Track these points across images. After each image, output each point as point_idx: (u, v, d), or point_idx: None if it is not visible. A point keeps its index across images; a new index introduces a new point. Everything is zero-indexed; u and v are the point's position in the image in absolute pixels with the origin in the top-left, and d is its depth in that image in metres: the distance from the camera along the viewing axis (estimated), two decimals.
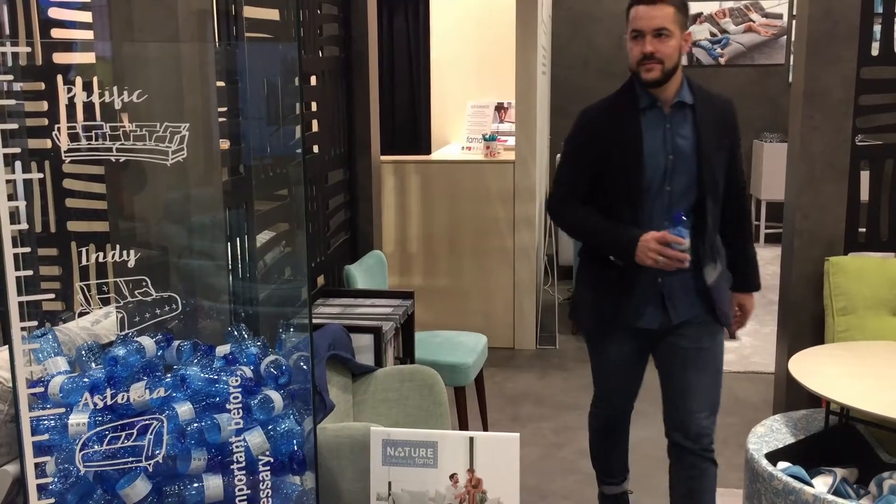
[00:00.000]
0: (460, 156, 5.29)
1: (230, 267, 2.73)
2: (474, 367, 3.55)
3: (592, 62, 7.66)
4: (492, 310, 5.06)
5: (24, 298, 1.44)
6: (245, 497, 1.67)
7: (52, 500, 1.55)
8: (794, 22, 6.43)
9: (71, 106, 3.52)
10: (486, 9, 5.94)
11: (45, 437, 1.55)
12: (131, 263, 1.54)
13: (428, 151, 6.06)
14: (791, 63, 5.56)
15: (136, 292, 1.57)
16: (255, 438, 1.68)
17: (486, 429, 3.74)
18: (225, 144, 2.80)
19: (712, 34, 7.53)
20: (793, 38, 7.06)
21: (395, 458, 1.95)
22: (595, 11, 7.70)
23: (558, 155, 2.86)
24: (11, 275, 1.40)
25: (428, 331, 3.87)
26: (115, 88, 1.39)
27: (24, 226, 1.37)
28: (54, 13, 3.25)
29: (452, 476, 1.92)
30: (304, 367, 1.86)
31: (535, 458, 3.59)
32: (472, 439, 1.91)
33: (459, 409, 3.49)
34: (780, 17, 7.53)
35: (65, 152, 1.38)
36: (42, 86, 3.47)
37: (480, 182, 4.99)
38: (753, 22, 7.61)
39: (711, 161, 2.42)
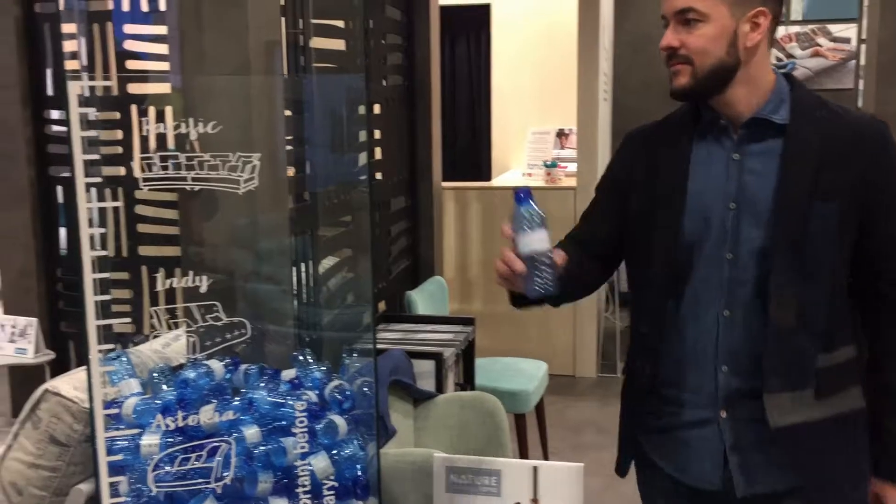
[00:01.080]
0: (521, 182, 5.30)
1: (295, 292, 2.78)
2: (535, 395, 3.53)
3: (654, 86, 7.57)
4: (552, 337, 5.03)
5: (102, 322, 1.49)
6: None
7: None
8: (862, 46, 6.30)
9: (144, 135, 3.64)
10: (547, 35, 5.96)
11: (119, 457, 1.59)
12: (203, 289, 1.58)
13: (488, 178, 6.08)
14: (860, 88, 5.43)
15: (207, 317, 1.61)
16: (321, 462, 1.70)
17: (546, 457, 3.70)
18: (290, 171, 2.86)
19: (778, 59, 7.43)
20: (862, 63, 6.92)
21: (459, 486, 1.95)
22: (655, 34, 7.59)
23: None
24: (91, 299, 1.45)
25: (488, 357, 3.86)
26: (190, 120, 1.44)
27: (103, 252, 1.42)
28: (129, 45, 3.37)
29: None
30: (368, 392, 1.87)
31: (597, 489, 3.54)
32: (535, 468, 1.90)
33: (520, 436, 3.47)
34: (847, 41, 7.38)
35: (143, 181, 1.43)
36: (117, 115, 3.60)
37: (541, 208, 4.98)
38: (821, 46, 7.48)
39: (807, 216, 1.49)
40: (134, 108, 3.59)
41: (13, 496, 1.89)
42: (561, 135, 5.82)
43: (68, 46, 2.96)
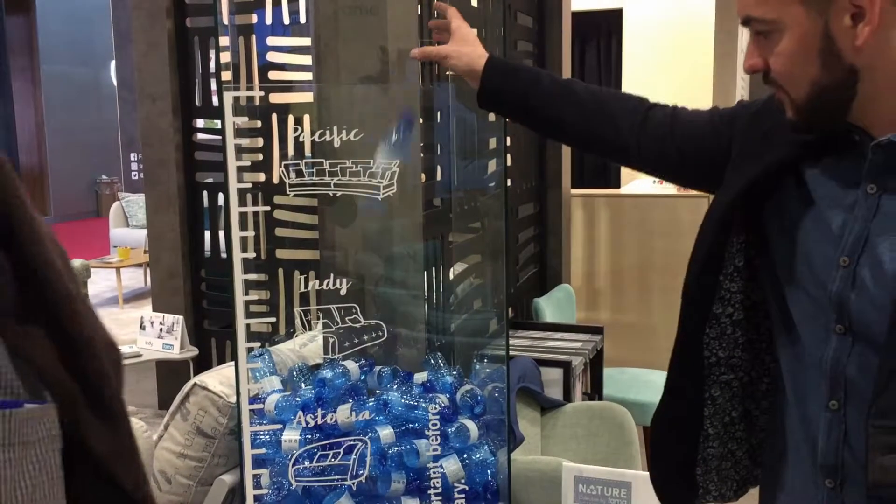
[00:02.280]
0: (652, 190, 5.20)
1: (426, 297, 2.83)
2: None
3: None
4: None
5: (249, 321, 1.56)
6: None
7: None
8: None
9: (282, 141, 3.79)
10: (682, 39, 5.82)
11: (262, 450, 1.66)
12: (343, 291, 1.63)
13: (618, 185, 5.99)
14: None
15: (346, 318, 1.66)
16: (452, 465, 1.72)
17: None
18: (422, 178, 2.91)
19: None
20: None
21: (587, 496, 1.93)
22: None
23: None
24: (240, 299, 1.52)
25: (616, 367, 3.80)
26: (335, 127, 1.49)
27: (251, 254, 1.49)
28: (272, 57, 3.51)
29: None
30: (499, 398, 1.88)
31: None
32: None
33: (648, 449, 3.39)
34: None
35: (289, 187, 1.49)
36: (259, 124, 3.76)
37: (672, 216, 4.87)
38: None
39: None
40: (275, 117, 3.74)
41: (162, 484, 2.00)
42: None
43: (224, 58, 3.13)
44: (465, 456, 1.76)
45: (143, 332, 4.33)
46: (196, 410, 1.98)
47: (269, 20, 3.48)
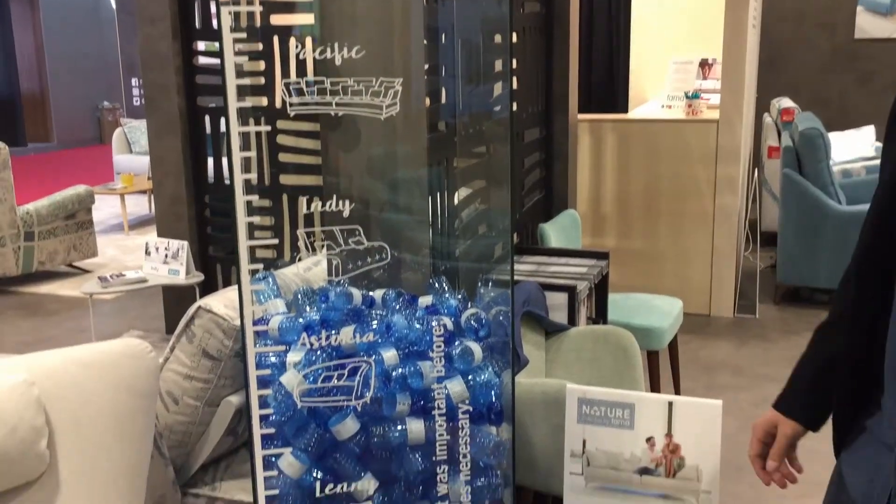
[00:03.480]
0: (660, 114, 5.12)
1: (431, 222, 2.81)
2: (669, 332, 3.46)
3: (809, 14, 7.12)
4: (688, 275, 4.90)
5: (252, 243, 1.55)
6: (444, 442, 1.73)
7: (272, 430, 1.67)
8: None
9: (285, 64, 3.72)
10: None
11: (267, 371, 1.67)
12: (346, 213, 1.61)
13: (625, 110, 5.91)
14: None
15: (349, 241, 1.65)
16: (456, 387, 1.73)
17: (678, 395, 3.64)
18: (426, 102, 2.86)
19: None
20: None
21: (591, 417, 1.94)
22: None
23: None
24: (242, 221, 1.50)
25: (621, 293, 3.81)
26: (335, 44, 1.45)
27: (252, 175, 1.47)
28: None
29: (649, 439, 1.89)
30: (504, 321, 1.88)
31: (732, 431, 3.46)
32: (671, 404, 1.87)
33: (652, 374, 3.42)
34: None
35: (290, 106, 1.45)
36: (260, 47, 3.69)
37: (681, 142, 4.80)
38: None
39: None
40: (276, 39, 3.67)
41: (170, 405, 2.03)
42: (704, 65, 5.56)
43: None
44: (470, 377, 1.76)
45: (148, 258, 4.34)
46: (201, 333, 1.99)
47: None
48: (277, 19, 3.67)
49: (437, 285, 2.00)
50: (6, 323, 5.20)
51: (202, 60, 4.27)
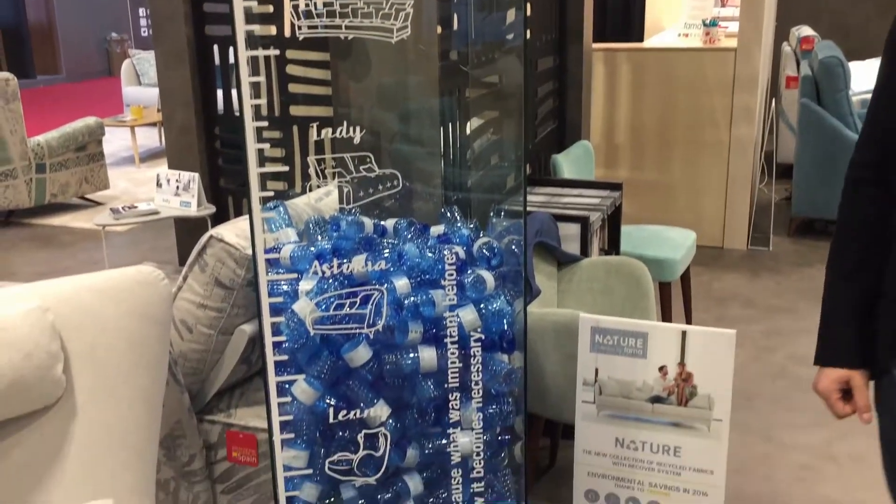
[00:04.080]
0: (676, 43, 5.01)
1: (442, 152, 2.78)
2: (681, 264, 3.44)
3: None
4: (702, 206, 4.87)
5: (262, 170, 1.53)
6: (456, 370, 1.73)
7: (286, 357, 1.68)
8: None
9: None
10: None
11: (279, 299, 1.67)
12: (357, 140, 1.59)
13: (641, 38, 5.78)
14: None
15: (360, 168, 1.63)
16: (468, 315, 1.72)
17: None
18: (437, 29, 2.80)
19: None
20: None
21: (604, 346, 1.95)
22: None
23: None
24: (252, 147, 1.49)
25: (634, 224, 3.78)
26: None
27: (262, 101, 1.44)
28: None
29: (662, 368, 1.89)
30: (516, 250, 1.87)
31: (743, 361, 3.47)
32: (685, 333, 1.87)
33: (664, 305, 3.42)
34: None
35: (298, 29, 1.42)
36: None
37: (697, 71, 4.71)
38: None
39: None
40: None
41: (184, 333, 2.04)
42: None
43: None
44: (482, 306, 1.76)
45: (160, 190, 4.33)
46: (213, 262, 1.99)
47: None
48: None
49: (448, 215, 1.99)
50: (21, 254, 5.24)
51: None
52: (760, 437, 2.91)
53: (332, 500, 1.78)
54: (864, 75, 5.80)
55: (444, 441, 1.77)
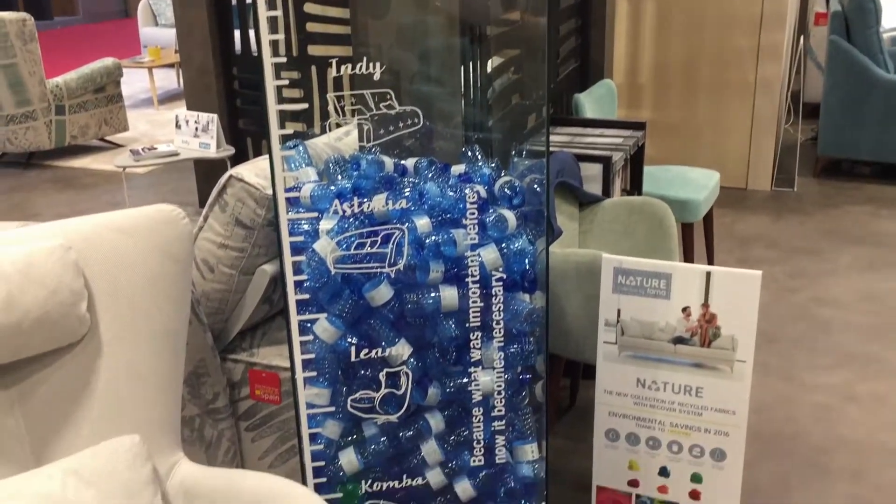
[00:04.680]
0: None
1: (463, 92, 2.74)
2: (704, 204, 3.40)
3: None
4: (726, 147, 4.79)
5: (281, 107, 1.51)
6: (478, 309, 1.73)
7: (307, 296, 1.68)
8: None
9: None
10: None
11: (300, 238, 1.66)
12: (377, 76, 1.56)
13: None
14: None
15: (381, 105, 1.60)
16: (490, 254, 1.71)
17: None
18: None
19: None
20: None
21: (626, 287, 1.93)
22: None
23: None
24: (270, 84, 1.46)
25: (657, 165, 3.74)
26: None
27: (279, 36, 1.41)
28: None
29: (685, 309, 1.88)
30: (538, 189, 1.84)
31: (766, 302, 3.45)
32: (709, 274, 1.84)
33: (686, 246, 3.39)
34: None
35: None
36: None
37: (723, 7, 4.59)
38: None
39: None
40: None
41: (206, 273, 2.04)
42: None
43: None
44: (503, 245, 1.75)
45: (179, 132, 4.32)
46: (234, 202, 1.98)
47: None
48: None
49: (469, 154, 1.96)
50: (43, 196, 5.27)
51: None
52: (781, 377, 2.91)
53: (355, 437, 1.80)
54: (895, 12, 5.64)
55: (465, 380, 1.78)
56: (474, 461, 1.83)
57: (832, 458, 2.51)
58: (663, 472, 2.01)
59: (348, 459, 1.78)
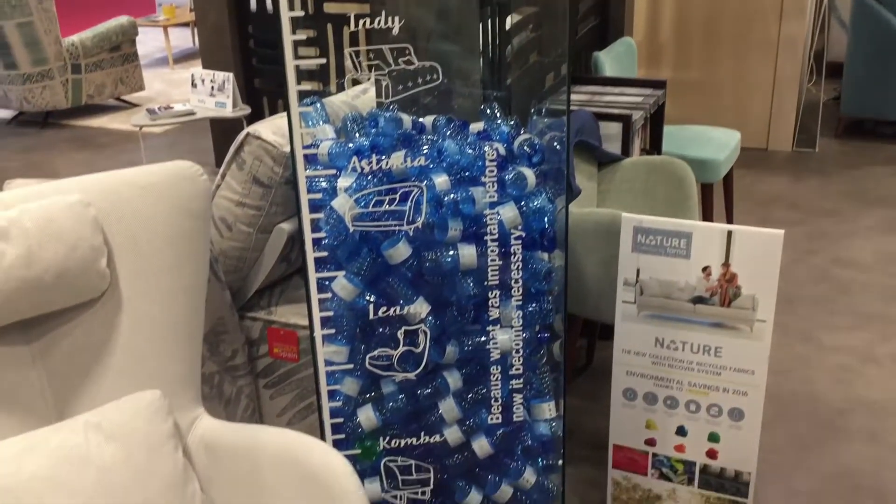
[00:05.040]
0: None
1: (482, 49, 2.70)
2: (725, 164, 3.37)
3: None
4: (747, 106, 4.72)
5: (298, 62, 1.49)
6: (496, 268, 1.72)
7: (325, 254, 1.68)
8: None
9: None
10: None
11: (318, 195, 1.65)
12: (395, 31, 1.54)
13: None
14: None
15: (399, 60, 1.58)
16: (508, 212, 1.70)
17: None
18: None
19: None
20: None
21: (646, 246, 1.92)
22: None
23: None
24: (288, 38, 1.45)
25: (677, 125, 3.69)
26: None
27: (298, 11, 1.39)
28: None
29: (705, 269, 1.86)
30: (558, 147, 1.82)
31: (785, 263, 3.42)
32: (730, 233, 1.83)
33: (705, 207, 3.36)
34: None
35: None
36: None
37: None
38: None
39: None
40: None
41: (224, 231, 2.05)
42: None
43: None
44: (523, 203, 1.73)
45: (194, 91, 4.30)
46: (251, 160, 1.98)
47: None
48: None
49: (488, 112, 1.94)
50: (61, 155, 5.28)
51: None
52: (801, 339, 2.89)
53: (373, 394, 1.80)
54: None
55: (483, 338, 1.78)
56: (492, 419, 1.84)
57: (850, 419, 2.50)
58: (681, 431, 2.01)
59: (366, 416, 1.79)
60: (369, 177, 1.67)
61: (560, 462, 1.93)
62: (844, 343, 2.85)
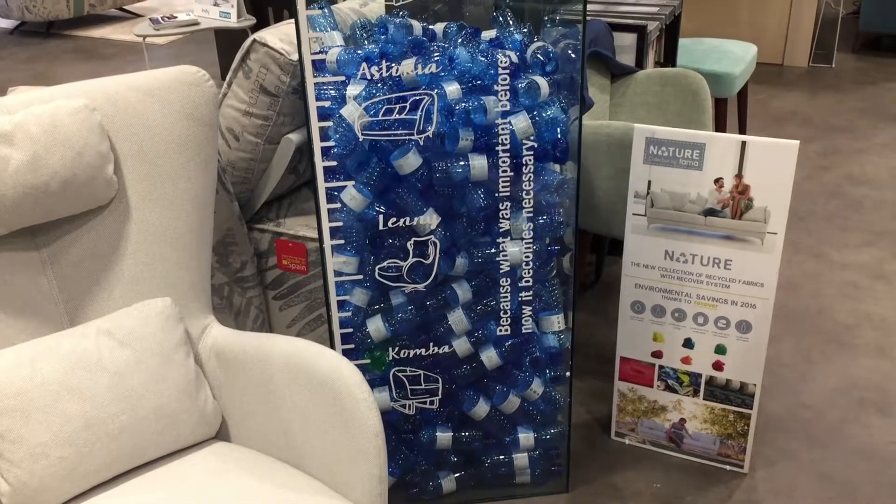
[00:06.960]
0: None
1: None
2: (740, 79, 3.30)
3: None
4: (763, 20, 4.60)
5: None
6: (508, 179, 1.70)
7: (334, 163, 1.66)
8: None
9: None
10: None
11: (327, 103, 1.62)
12: None
13: None
14: None
15: None
16: (521, 122, 1.67)
17: None
18: None
19: None
20: None
21: (658, 158, 1.89)
22: None
23: None
24: None
25: (692, 37, 3.60)
26: None
27: None
28: None
29: (717, 180, 1.84)
30: (572, 55, 1.78)
31: (798, 180, 3.39)
32: (744, 144, 1.79)
33: (718, 122, 3.31)
34: None
35: None
36: None
37: None
38: None
39: None
40: None
41: (231, 141, 2.02)
42: None
43: None
44: (535, 113, 1.70)
45: (198, 0, 4.20)
46: (258, 68, 1.94)
47: None
48: None
49: (500, 19, 1.89)
50: (65, 65, 5.21)
51: None
52: (810, 255, 2.88)
53: (382, 305, 1.81)
54: None
55: (493, 250, 1.77)
56: (500, 331, 1.85)
57: (857, 334, 2.51)
58: (687, 343, 2.02)
59: (376, 327, 1.80)
60: (379, 84, 1.64)
61: (567, 374, 1.95)
62: (854, 259, 2.84)
